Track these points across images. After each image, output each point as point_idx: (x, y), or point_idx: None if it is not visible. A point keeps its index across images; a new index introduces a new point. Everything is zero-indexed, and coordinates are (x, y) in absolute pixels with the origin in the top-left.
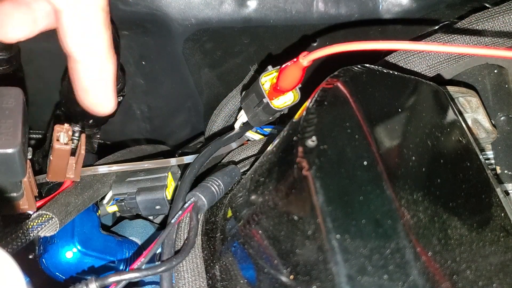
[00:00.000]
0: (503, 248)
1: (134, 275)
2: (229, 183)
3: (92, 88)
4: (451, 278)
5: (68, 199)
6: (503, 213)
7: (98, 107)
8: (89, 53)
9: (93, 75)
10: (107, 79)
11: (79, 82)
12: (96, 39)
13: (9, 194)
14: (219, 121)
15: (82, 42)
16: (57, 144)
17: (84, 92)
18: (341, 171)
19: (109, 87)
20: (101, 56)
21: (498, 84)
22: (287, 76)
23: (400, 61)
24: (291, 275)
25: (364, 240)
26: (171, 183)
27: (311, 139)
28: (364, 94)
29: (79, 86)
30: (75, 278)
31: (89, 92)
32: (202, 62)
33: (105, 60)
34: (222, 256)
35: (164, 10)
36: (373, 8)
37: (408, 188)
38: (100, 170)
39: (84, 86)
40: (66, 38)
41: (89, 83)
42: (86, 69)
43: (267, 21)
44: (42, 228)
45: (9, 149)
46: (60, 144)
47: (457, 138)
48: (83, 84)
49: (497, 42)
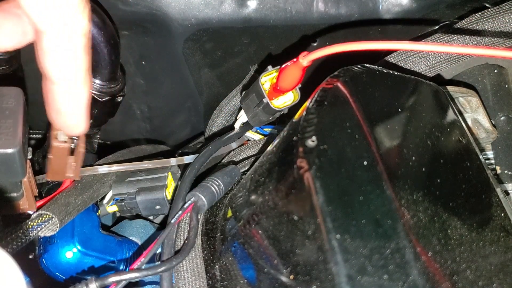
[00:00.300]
0: (503, 248)
1: (134, 275)
2: (229, 183)
3: (65, 110)
4: (451, 278)
5: (68, 199)
6: (503, 213)
7: (69, 128)
8: (66, 77)
9: (68, 98)
10: (81, 103)
11: (52, 103)
12: (74, 64)
13: (9, 194)
14: (219, 121)
15: (61, 65)
16: (55, 142)
17: (56, 113)
18: (341, 171)
19: (82, 110)
20: (77, 80)
21: (498, 84)
22: (287, 76)
23: (400, 61)
24: (291, 275)
25: (364, 240)
26: (171, 183)
27: (311, 139)
28: (364, 94)
29: (52, 107)
30: (75, 278)
31: (61, 113)
32: (202, 62)
33: (81, 85)
34: (222, 256)
35: (164, 10)
36: (373, 8)
37: (408, 188)
38: (100, 170)
39: (57, 108)
40: (44, 59)
41: (62, 105)
42: (61, 91)
43: (267, 21)
44: (42, 228)
45: (9, 149)
46: (58, 142)
47: (457, 138)
48: (56, 105)
49: (497, 42)
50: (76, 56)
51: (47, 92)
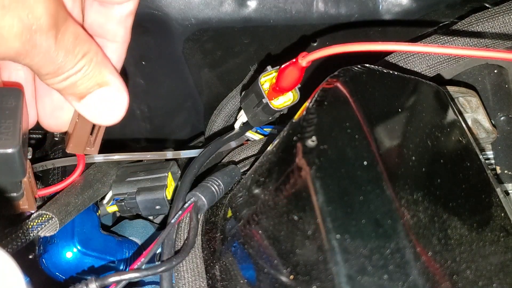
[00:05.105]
0: (503, 248)
1: (134, 275)
2: (229, 183)
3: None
4: (451, 278)
5: (68, 199)
6: (503, 213)
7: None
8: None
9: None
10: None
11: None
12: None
13: (9, 194)
14: (219, 121)
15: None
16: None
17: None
18: (341, 171)
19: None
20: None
21: (498, 84)
22: (286, 76)
23: (400, 61)
24: (291, 275)
25: (364, 240)
26: (171, 183)
27: (311, 139)
28: (364, 94)
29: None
30: (75, 278)
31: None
32: (202, 62)
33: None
34: (222, 256)
35: (164, 10)
36: (373, 8)
37: (408, 188)
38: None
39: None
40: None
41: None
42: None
43: (267, 21)
44: (42, 228)
45: (9, 149)
46: None
47: (457, 138)
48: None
49: (497, 43)
50: None
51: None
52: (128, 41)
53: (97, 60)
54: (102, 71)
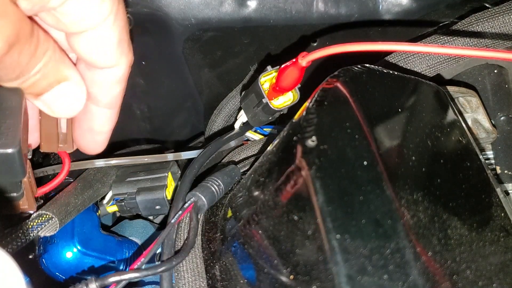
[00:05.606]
0: (503, 248)
1: (134, 275)
2: (229, 183)
3: (99, 130)
4: (451, 278)
5: (68, 199)
6: (503, 213)
7: (89, 147)
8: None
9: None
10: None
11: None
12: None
13: (9, 194)
14: (219, 121)
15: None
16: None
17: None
18: (341, 171)
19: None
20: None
21: (498, 84)
22: (286, 76)
23: (400, 61)
24: (291, 275)
25: (364, 240)
26: (171, 183)
27: (311, 139)
28: (364, 94)
29: (83, 126)
30: (75, 278)
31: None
32: (202, 62)
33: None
34: (222, 256)
35: (164, 10)
36: (373, 8)
37: (408, 188)
38: (96, 163)
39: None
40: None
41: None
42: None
43: (267, 21)
44: (42, 228)
45: (9, 149)
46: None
47: (457, 138)
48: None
49: (497, 43)
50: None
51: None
52: (117, 107)
53: (55, 58)
54: (60, 67)
